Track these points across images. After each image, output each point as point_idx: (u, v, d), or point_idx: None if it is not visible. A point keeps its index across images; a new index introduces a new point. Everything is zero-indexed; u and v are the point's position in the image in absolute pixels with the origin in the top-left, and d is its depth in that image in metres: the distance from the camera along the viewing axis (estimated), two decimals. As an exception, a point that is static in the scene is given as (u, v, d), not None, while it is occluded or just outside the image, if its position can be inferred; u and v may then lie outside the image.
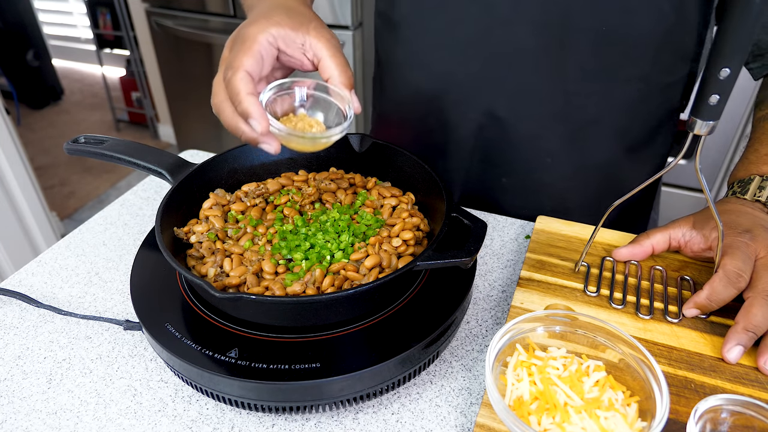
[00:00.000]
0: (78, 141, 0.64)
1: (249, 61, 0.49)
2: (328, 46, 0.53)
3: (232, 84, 0.49)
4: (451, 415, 0.51)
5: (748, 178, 0.64)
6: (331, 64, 0.53)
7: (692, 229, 0.62)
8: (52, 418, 0.51)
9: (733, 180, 0.67)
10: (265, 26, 0.51)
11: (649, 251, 0.63)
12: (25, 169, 1.92)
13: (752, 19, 0.42)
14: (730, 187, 0.66)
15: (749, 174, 0.65)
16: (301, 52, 0.53)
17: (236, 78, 0.48)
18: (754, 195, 0.62)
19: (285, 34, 0.52)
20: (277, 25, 0.52)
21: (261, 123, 0.48)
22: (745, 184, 0.64)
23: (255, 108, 0.48)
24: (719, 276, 0.55)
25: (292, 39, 0.52)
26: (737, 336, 0.52)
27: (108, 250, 0.72)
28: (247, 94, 0.48)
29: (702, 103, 0.48)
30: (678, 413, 0.47)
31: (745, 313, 0.53)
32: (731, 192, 0.65)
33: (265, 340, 0.49)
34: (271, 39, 0.51)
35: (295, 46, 0.53)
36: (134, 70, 2.95)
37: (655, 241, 0.62)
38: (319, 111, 0.55)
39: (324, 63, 0.53)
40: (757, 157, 0.65)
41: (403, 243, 0.56)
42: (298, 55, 0.53)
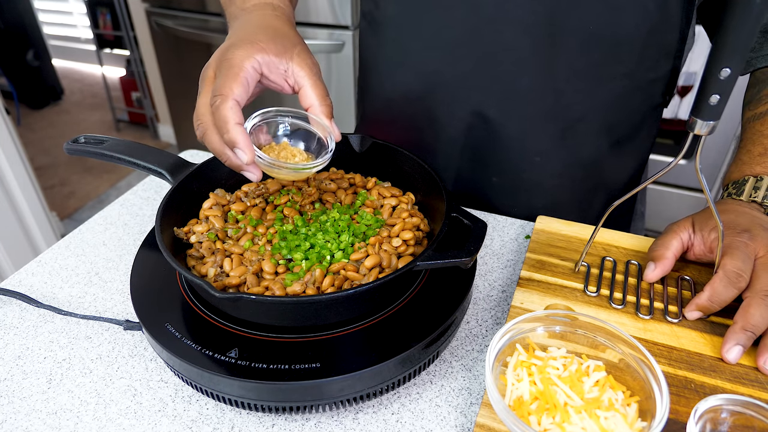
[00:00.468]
0: (78, 141, 0.64)
1: (237, 90, 0.50)
2: (309, 75, 0.55)
3: (221, 112, 0.49)
4: (451, 415, 0.51)
5: (742, 179, 0.64)
6: (312, 93, 0.54)
7: (693, 231, 0.62)
8: (52, 418, 0.51)
9: (728, 182, 0.67)
10: (250, 52, 0.52)
11: (674, 262, 0.61)
12: (25, 169, 1.92)
13: (753, 19, 0.42)
14: (725, 189, 0.66)
15: (743, 175, 0.65)
16: (284, 78, 0.55)
17: (225, 107, 0.49)
18: (749, 196, 0.62)
19: (269, 61, 0.53)
20: (262, 51, 0.53)
21: (247, 153, 0.49)
22: (739, 185, 0.64)
23: (242, 138, 0.49)
24: (719, 276, 0.55)
25: (276, 65, 0.54)
26: (736, 336, 0.52)
27: (108, 250, 0.72)
28: (235, 124, 0.49)
29: (702, 103, 0.48)
30: (678, 413, 0.47)
31: (743, 313, 0.53)
32: (726, 194, 0.65)
33: (265, 340, 0.49)
34: (256, 65, 0.53)
35: (278, 72, 0.55)
36: (134, 70, 2.95)
37: (676, 251, 0.61)
38: (300, 140, 0.57)
39: (304, 91, 0.55)
40: (750, 157, 0.65)
41: (403, 243, 0.56)
42: (280, 80, 0.55)
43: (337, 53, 1.94)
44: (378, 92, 0.84)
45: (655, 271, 0.60)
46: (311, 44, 1.91)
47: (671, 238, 0.61)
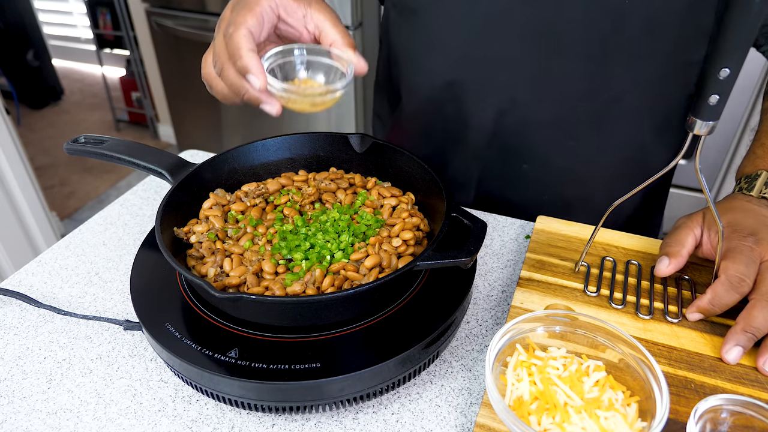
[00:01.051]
0: (78, 141, 0.64)
1: (252, 21, 0.50)
2: (329, 17, 0.54)
3: (234, 40, 0.49)
4: (451, 415, 0.51)
5: (755, 173, 0.63)
6: (334, 31, 0.53)
7: (701, 229, 0.60)
8: (52, 418, 0.51)
9: (741, 175, 0.66)
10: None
11: (687, 259, 0.60)
12: (25, 169, 1.92)
13: (752, 19, 0.42)
14: (738, 182, 0.65)
15: (756, 169, 0.63)
16: (302, 23, 0.54)
17: (238, 34, 0.49)
18: (760, 192, 0.61)
19: (287, 4, 0.53)
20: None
21: (259, 78, 0.48)
22: (751, 180, 0.63)
23: (255, 64, 0.48)
24: (721, 281, 0.54)
25: (294, 9, 0.53)
26: (736, 337, 0.52)
27: (108, 250, 0.72)
28: (248, 50, 0.49)
29: (702, 103, 0.48)
30: (678, 413, 0.47)
31: (746, 315, 0.52)
32: (738, 188, 0.64)
33: (265, 340, 0.49)
34: (274, 5, 0.52)
35: (297, 16, 0.54)
36: (134, 70, 2.95)
37: (690, 248, 0.60)
38: (320, 74, 0.55)
39: (326, 31, 0.54)
40: (764, 151, 0.64)
41: (403, 243, 0.56)
42: (299, 25, 0.54)
43: (337, 53, 1.94)
44: (406, 82, 0.82)
45: (669, 267, 0.58)
46: (311, 44, 1.91)
47: (686, 234, 0.60)
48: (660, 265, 0.59)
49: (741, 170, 0.66)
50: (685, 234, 0.60)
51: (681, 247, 0.59)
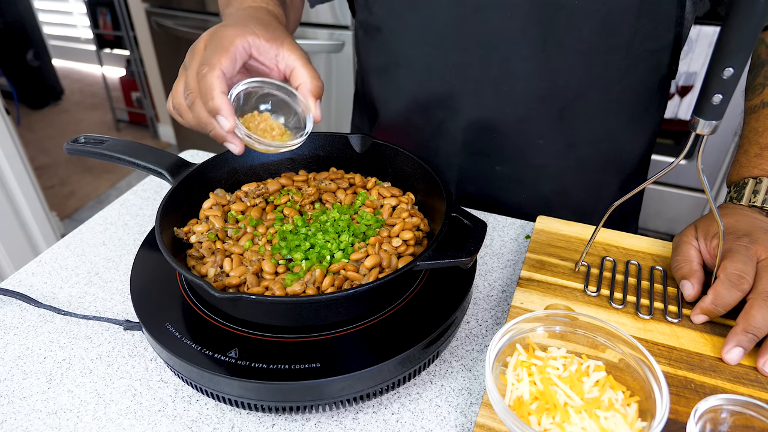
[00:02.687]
0: (78, 141, 0.64)
1: (225, 62, 0.52)
2: (300, 58, 0.56)
3: (207, 80, 0.51)
4: (451, 415, 0.51)
5: (741, 182, 0.64)
6: (303, 73, 0.55)
7: (697, 240, 0.61)
8: (52, 418, 0.51)
9: (730, 183, 0.66)
10: (242, 33, 0.54)
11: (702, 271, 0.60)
12: (25, 169, 1.92)
13: (756, 18, 0.42)
14: (728, 191, 0.66)
15: (741, 177, 0.64)
16: (274, 62, 0.56)
17: (212, 75, 0.51)
18: (749, 200, 0.62)
19: (260, 44, 0.55)
20: (254, 35, 0.54)
21: (229, 121, 0.51)
22: (740, 189, 0.63)
23: (225, 106, 0.50)
24: (721, 280, 0.55)
25: (266, 50, 0.55)
26: (737, 337, 0.52)
27: (108, 250, 0.72)
28: (220, 92, 0.50)
29: (705, 102, 0.48)
30: (678, 413, 0.47)
31: (745, 315, 0.52)
32: (728, 197, 0.65)
33: (265, 340, 0.49)
34: (246, 45, 0.54)
35: (269, 55, 0.56)
36: (134, 70, 2.95)
37: (699, 260, 0.59)
38: (281, 114, 0.57)
39: (296, 72, 0.56)
40: (747, 159, 0.64)
41: (403, 243, 0.56)
42: (271, 64, 0.56)
43: (337, 53, 1.94)
44: (378, 96, 0.84)
45: (695, 288, 0.57)
46: (311, 44, 1.91)
47: (688, 249, 0.60)
48: (685, 290, 0.58)
49: (729, 179, 0.67)
50: (687, 249, 0.60)
51: (691, 263, 0.59)
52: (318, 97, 0.55)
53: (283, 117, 0.57)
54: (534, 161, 0.79)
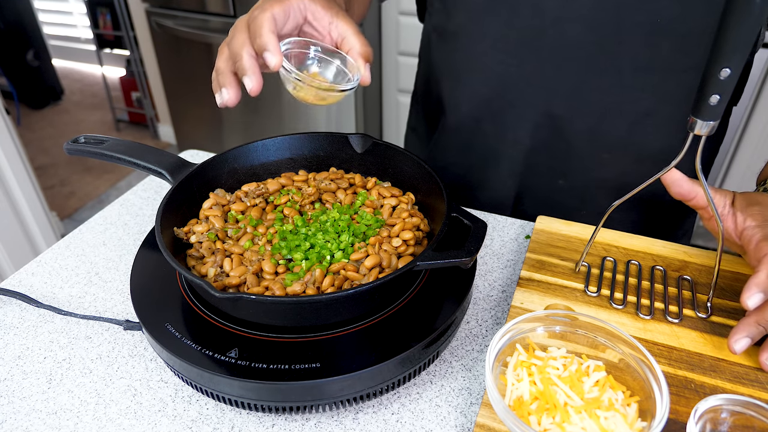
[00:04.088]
0: (78, 141, 0.64)
1: (278, 10, 0.53)
2: (353, 29, 0.57)
3: (258, 20, 0.52)
4: (451, 415, 0.51)
5: None
6: (355, 39, 0.56)
7: (732, 206, 0.59)
8: (52, 418, 0.51)
9: (763, 178, 0.66)
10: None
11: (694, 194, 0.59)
12: (25, 169, 1.92)
13: (753, 19, 0.42)
14: (761, 184, 0.65)
15: None
16: (327, 29, 0.57)
17: (264, 15, 0.52)
18: None
19: (315, 9, 0.56)
20: (312, 0, 0.56)
21: (276, 56, 0.51)
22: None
23: (273, 43, 0.51)
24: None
25: (322, 15, 0.56)
26: (747, 328, 0.51)
27: (108, 250, 0.72)
28: (269, 30, 0.51)
29: (702, 103, 0.48)
30: (678, 413, 0.47)
31: (760, 308, 0.51)
32: (763, 189, 0.64)
33: (265, 340, 0.49)
34: (302, 7, 0.55)
35: (323, 22, 0.57)
36: (134, 70, 2.95)
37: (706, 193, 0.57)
38: (329, 73, 0.58)
39: (348, 39, 0.57)
40: None
41: (403, 243, 0.56)
42: (324, 30, 0.57)
43: (337, 53, 1.94)
44: (447, 100, 0.84)
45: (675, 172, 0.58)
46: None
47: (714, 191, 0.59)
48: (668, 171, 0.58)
49: (763, 173, 0.67)
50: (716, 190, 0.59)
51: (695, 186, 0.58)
52: (367, 61, 0.56)
53: (331, 76, 0.58)
54: (598, 175, 0.79)
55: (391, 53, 2.09)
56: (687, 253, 0.65)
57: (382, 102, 2.25)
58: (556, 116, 0.75)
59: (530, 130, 0.78)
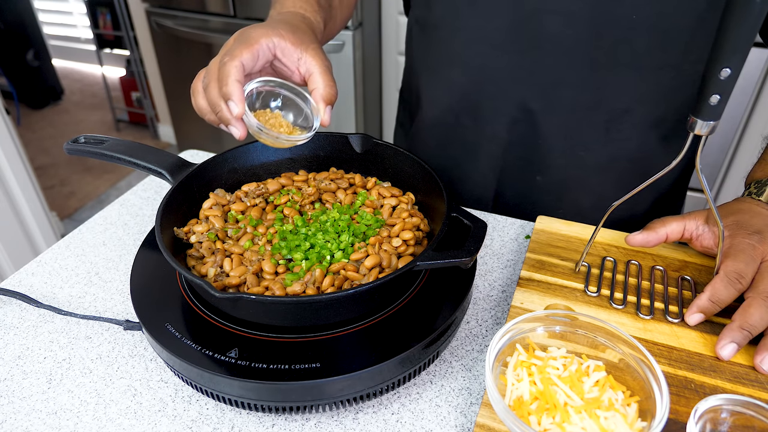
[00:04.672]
0: (78, 141, 0.64)
1: (246, 55, 0.55)
2: (321, 65, 0.58)
3: (226, 68, 0.53)
4: (451, 415, 0.51)
5: (766, 179, 0.64)
6: (320, 80, 0.58)
7: (705, 223, 0.62)
8: (52, 418, 0.51)
9: (750, 180, 0.66)
10: (269, 33, 0.57)
11: (663, 239, 0.62)
12: (25, 169, 1.92)
13: (753, 18, 0.42)
14: (747, 187, 0.66)
15: (766, 175, 0.65)
16: (296, 65, 0.59)
17: (231, 64, 0.54)
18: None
19: (285, 46, 0.58)
20: (280, 37, 0.57)
21: (238, 106, 0.53)
22: (761, 185, 0.64)
23: (237, 93, 0.53)
24: (720, 277, 0.55)
25: (291, 52, 0.58)
26: (732, 333, 0.52)
27: (108, 250, 0.72)
28: (234, 80, 0.53)
29: (702, 103, 0.48)
30: (678, 413, 0.47)
31: (742, 312, 0.53)
32: (747, 193, 0.65)
33: (265, 340, 0.49)
34: (271, 45, 0.57)
35: (292, 58, 0.58)
36: (134, 70, 2.95)
37: (670, 230, 0.62)
38: (291, 114, 0.60)
39: (314, 77, 0.58)
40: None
41: (403, 243, 0.56)
42: (292, 67, 0.59)
43: (337, 53, 1.94)
44: (426, 93, 0.84)
45: (637, 237, 0.62)
46: (311, 44, 1.91)
47: (673, 220, 0.62)
48: (633, 233, 0.63)
49: (751, 175, 0.67)
50: (673, 219, 0.62)
51: (660, 226, 0.62)
52: (329, 104, 0.57)
53: (293, 116, 0.60)
54: (575, 173, 0.79)
55: (391, 53, 2.09)
56: (687, 253, 0.65)
57: (382, 102, 2.25)
58: (533, 111, 0.75)
59: (507, 124, 0.78)
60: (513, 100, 0.75)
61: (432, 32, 0.79)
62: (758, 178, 0.65)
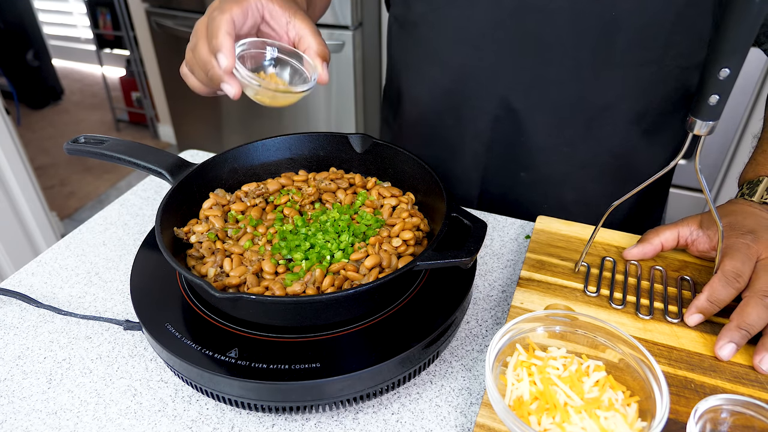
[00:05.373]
0: (78, 141, 0.64)
1: (237, 11, 0.53)
2: (311, 29, 0.56)
3: (215, 22, 0.51)
4: (451, 415, 0.51)
5: (756, 179, 0.64)
6: (312, 40, 0.56)
7: (699, 228, 0.62)
8: (52, 418, 0.51)
9: (743, 181, 0.67)
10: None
11: (659, 249, 0.63)
12: (25, 169, 1.92)
13: (752, 18, 0.42)
14: (740, 188, 0.66)
15: (757, 176, 0.65)
16: (285, 29, 0.57)
17: (222, 17, 0.51)
18: (761, 197, 0.62)
19: (273, 9, 0.56)
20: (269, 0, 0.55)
21: (228, 58, 0.50)
22: (753, 185, 0.64)
23: (227, 45, 0.50)
24: (718, 277, 0.55)
25: (279, 15, 0.56)
26: (730, 333, 0.52)
27: (108, 250, 0.72)
28: (225, 32, 0.51)
29: (701, 103, 0.48)
30: (678, 413, 0.47)
31: (740, 312, 0.53)
32: (740, 194, 0.65)
33: (265, 340, 0.49)
34: (260, 6, 0.55)
35: (281, 21, 0.56)
36: (134, 70, 2.95)
37: (664, 239, 0.63)
38: (286, 74, 0.57)
39: (305, 39, 0.56)
40: (765, 158, 0.65)
41: (403, 243, 0.56)
42: (281, 30, 0.57)
43: (337, 53, 1.94)
44: (407, 92, 0.84)
45: (633, 250, 0.63)
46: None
47: (667, 229, 0.63)
48: (629, 247, 0.63)
49: (743, 176, 0.68)
50: (667, 228, 0.63)
51: (654, 236, 0.62)
52: (324, 60, 0.56)
53: (288, 77, 0.58)
54: (558, 169, 0.79)
55: (391, 53, 2.09)
56: (686, 253, 0.65)
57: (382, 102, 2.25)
58: (515, 109, 0.75)
59: (490, 122, 0.78)
60: (495, 99, 0.76)
61: (412, 30, 0.79)
62: (749, 178, 0.66)
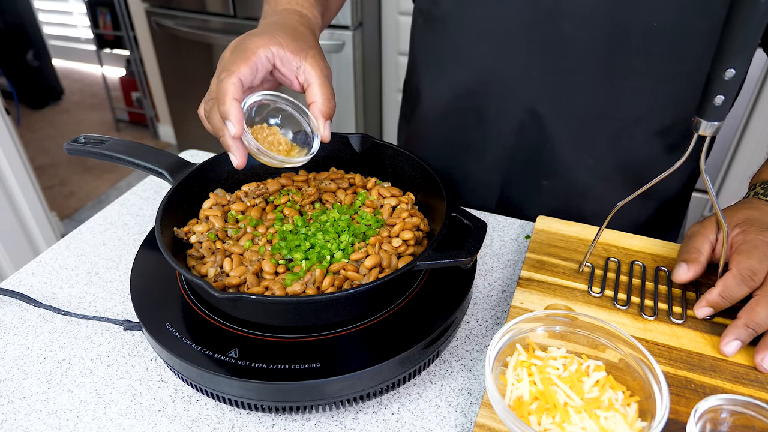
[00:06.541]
0: (78, 141, 0.64)
1: (244, 70, 0.53)
2: (319, 75, 0.56)
3: (223, 85, 0.52)
4: (451, 415, 0.51)
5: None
6: (318, 92, 0.56)
7: (715, 233, 0.60)
8: (52, 418, 0.51)
9: (756, 181, 0.66)
10: (267, 42, 0.55)
11: (706, 264, 0.59)
12: (25, 169, 1.92)
13: (758, 18, 0.42)
14: (752, 188, 0.65)
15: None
16: (295, 74, 0.57)
17: (228, 81, 0.52)
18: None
19: (283, 55, 0.56)
20: (278, 45, 0.56)
21: (236, 127, 0.51)
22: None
23: (235, 112, 0.51)
24: (732, 273, 0.54)
25: (289, 61, 0.56)
26: (737, 331, 0.52)
27: (108, 250, 0.72)
28: (232, 98, 0.51)
29: (707, 103, 0.48)
30: (678, 413, 0.47)
31: (749, 310, 0.52)
32: (753, 193, 0.64)
33: (265, 340, 0.49)
34: (270, 55, 0.55)
35: (291, 67, 0.57)
36: (134, 70, 2.95)
37: (708, 254, 0.59)
38: (290, 129, 0.59)
39: (311, 89, 0.56)
40: None
41: (403, 243, 0.56)
42: (291, 76, 0.57)
43: (337, 53, 1.94)
44: (427, 88, 0.82)
45: (689, 272, 0.58)
46: (311, 44, 1.91)
47: (701, 241, 0.59)
48: (678, 270, 0.58)
49: (757, 176, 0.66)
50: (701, 241, 0.59)
51: (698, 254, 0.58)
52: (328, 118, 0.56)
53: (292, 132, 0.59)
54: (581, 179, 0.77)
55: (391, 53, 2.09)
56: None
57: (382, 102, 2.25)
58: (542, 115, 0.73)
59: (515, 127, 0.76)
60: (521, 103, 0.74)
61: (437, 26, 0.76)
62: (765, 179, 0.64)
